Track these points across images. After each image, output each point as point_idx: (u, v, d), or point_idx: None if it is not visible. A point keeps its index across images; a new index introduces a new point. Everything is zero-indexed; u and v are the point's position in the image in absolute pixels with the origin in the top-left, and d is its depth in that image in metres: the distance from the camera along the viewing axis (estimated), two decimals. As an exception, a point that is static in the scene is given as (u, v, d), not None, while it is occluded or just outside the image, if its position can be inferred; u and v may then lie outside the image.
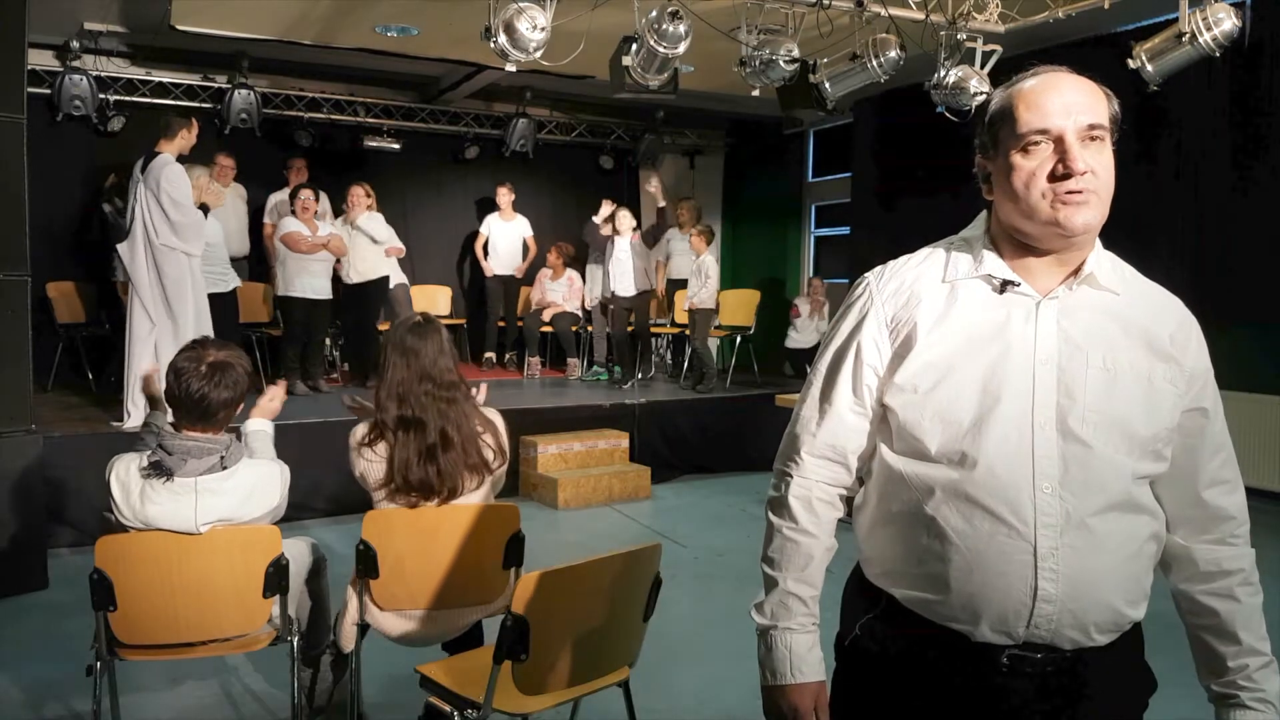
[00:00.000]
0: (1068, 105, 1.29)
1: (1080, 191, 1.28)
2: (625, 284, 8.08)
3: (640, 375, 8.34)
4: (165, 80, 8.09)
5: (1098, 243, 1.38)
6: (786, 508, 1.45)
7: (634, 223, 8.23)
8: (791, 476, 1.46)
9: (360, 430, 2.74)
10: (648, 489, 6.58)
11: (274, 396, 2.97)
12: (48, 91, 7.37)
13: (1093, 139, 1.30)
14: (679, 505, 6.36)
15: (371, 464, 2.69)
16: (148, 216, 5.36)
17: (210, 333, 5.67)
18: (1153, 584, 1.38)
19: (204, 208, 5.64)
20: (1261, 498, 5.96)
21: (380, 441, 2.68)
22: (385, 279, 7.72)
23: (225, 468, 2.55)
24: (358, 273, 7.55)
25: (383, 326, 7.59)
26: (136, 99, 7.96)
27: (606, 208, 8.33)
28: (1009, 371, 1.31)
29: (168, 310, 5.42)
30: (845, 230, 9.66)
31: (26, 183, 4.45)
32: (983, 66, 5.99)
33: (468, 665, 2.48)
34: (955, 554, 1.30)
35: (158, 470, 2.48)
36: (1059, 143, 1.29)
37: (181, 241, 5.39)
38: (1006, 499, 1.28)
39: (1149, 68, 5.21)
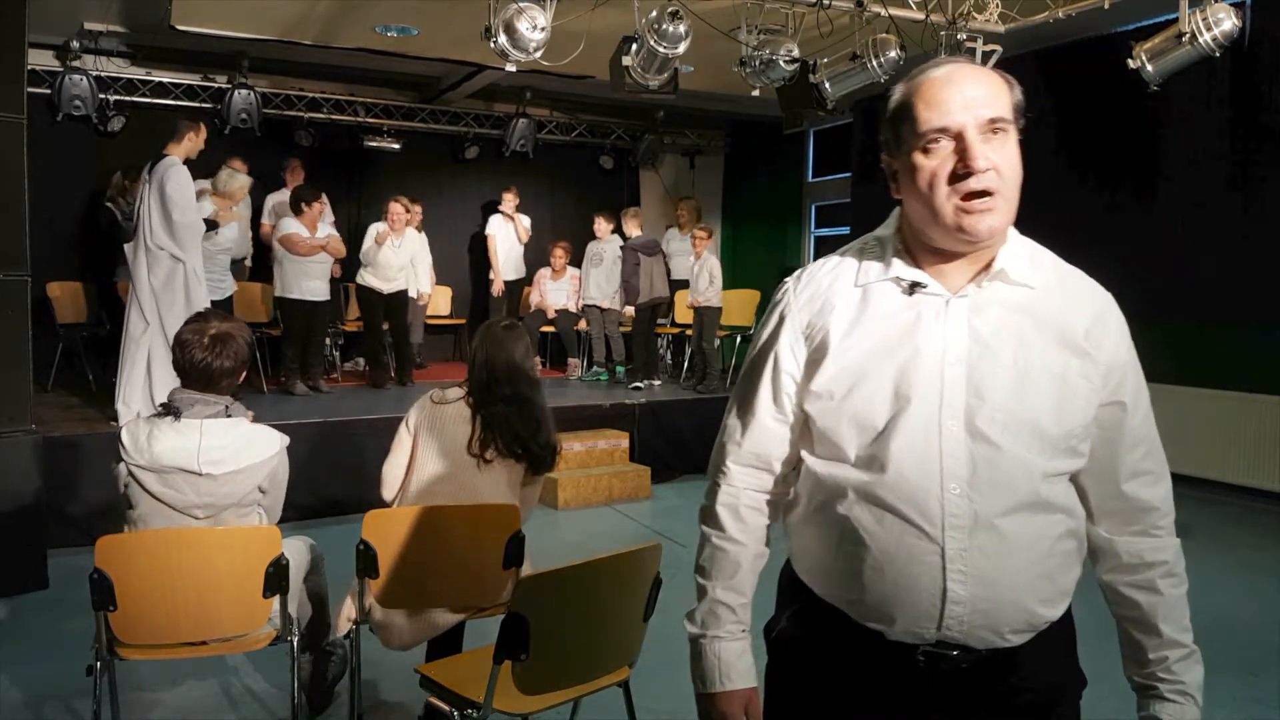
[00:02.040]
0: (967, 100, 1.26)
1: (985, 195, 1.26)
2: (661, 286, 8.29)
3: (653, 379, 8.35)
4: (165, 80, 8.09)
5: (1013, 233, 1.36)
6: (715, 516, 1.45)
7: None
8: (719, 486, 1.46)
9: (452, 391, 2.96)
10: (648, 489, 6.58)
11: None
12: (48, 91, 7.37)
13: (995, 132, 1.27)
14: (679, 505, 6.36)
15: (458, 423, 2.91)
16: (147, 218, 5.38)
17: None
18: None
19: (214, 224, 5.64)
20: (1261, 498, 5.97)
21: (473, 409, 2.90)
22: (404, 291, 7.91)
23: (229, 417, 2.73)
24: (393, 285, 7.72)
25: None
26: (136, 99, 7.97)
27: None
28: (919, 373, 1.30)
29: (157, 312, 5.44)
30: (845, 230, 9.66)
31: (27, 183, 4.45)
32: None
33: (468, 665, 2.48)
34: (867, 555, 1.31)
35: (166, 409, 2.70)
36: (959, 139, 1.26)
37: (175, 244, 5.39)
38: (914, 501, 1.28)
39: (1149, 68, 5.21)
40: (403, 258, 7.77)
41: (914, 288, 1.34)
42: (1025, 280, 1.33)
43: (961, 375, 1.29)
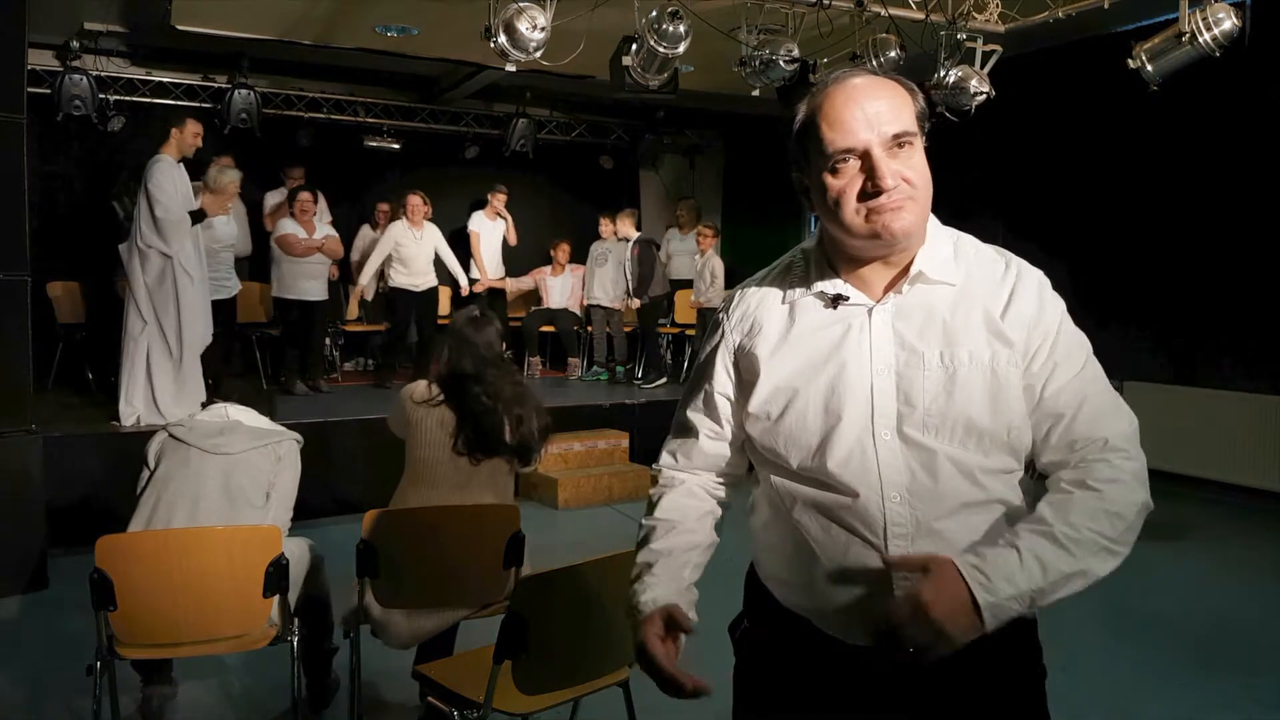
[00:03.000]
0: (869, 118, 1.26)
1: (893, 197, 1.26)
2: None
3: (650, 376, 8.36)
4: (165, 80, 8.09)
5: (931, 230, 1.35)
6: (650, 504, 1.52)
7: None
8: (656, 481, 1.54)
9: (421, 389, 2.99)
10: (648, 489, 6.56)
11: None
12: (48, 91, 7.35)
13: (901, 146, 1.27)
14: (679, 505, 6.35)
15: (437, 422, 2.93)
16: (138, 218, 5.43)
17: (205, 334, 5.68)
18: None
19: (200, 214, 5.64)
20: (1261, 498, 5.96)
21: (448, 405, 2.92)
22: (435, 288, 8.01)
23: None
24: (425, 280, 7.82)
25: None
26: (136, 99, 7.96)
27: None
28: (848, 386, 1.31)
29: (154, 310, 5.46)
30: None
31: (26, 183, 4.45)
32: (983, 66, 5.99)
33: (468, 665, 2.48)
34: (816, 564, 1.33)
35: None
36: (865, 158, 1.26)
37: (161, 241, 5.41)
38: (856, 511, 1.29)
39: (1149, 68, 5.20)
40: (427, 249, 7.82)
41: (837, 300, 1.35)
42: (945, 278, 1.33)
43: (891, 384, 1.30)
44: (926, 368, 1.29)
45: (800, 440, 1.33)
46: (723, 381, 1.43)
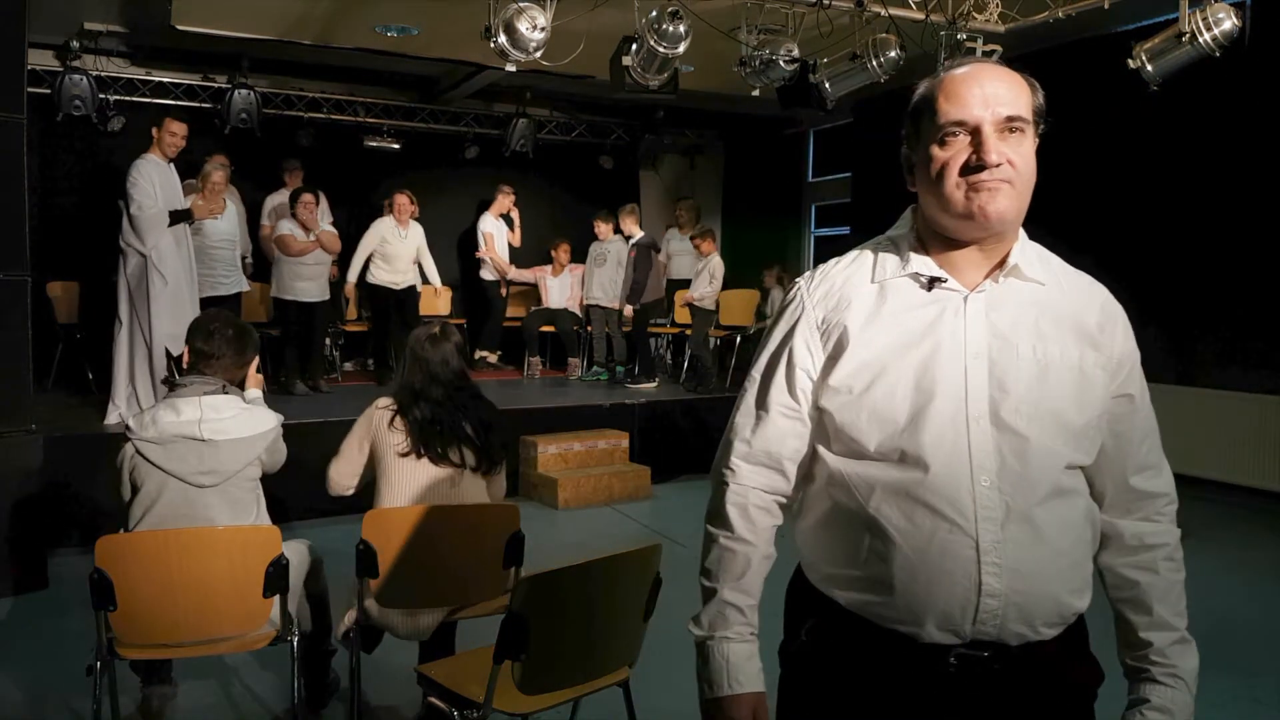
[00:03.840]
0: (987, 96, 1.28)
1: (994, 180, 1.28)
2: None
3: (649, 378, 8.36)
4: (165, 80, 8.09)
5: (1022, 234, 1.38)
6: (722, 516, 1.42)
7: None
8: (727, 484, 1.43)
9: (385, 399, 2.99)
10: (648, 489, 6.57)
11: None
12: (48, 91, 7.36)
13: (1012, 130, 1.29)
14: (679, 505, 6.35)
15: (395, 434, 2.92)
16: (121, 217, 5.46)
17: (179, 333, 5.64)
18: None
19: (185, 214, 5.63)
20: (1262, 498, 5.96)
21: (401, 418, 2.92)
22: (413, 287, 8.01)
23: (225, 394, 2.89)
24: (405, 279, 7.83)
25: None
26: (136, 99, 7.96)
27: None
28: (941, 367, 1.31)
29: (131, 309, 5.47)
30: (845, 230, 9.66)
31: (27, 183, 4.45)
32: (983, 66, 5.99)
33: (468, 665, 2.48)
34: (897, 553, 1.29)
35: (169, 385, 2.98)
36: (976, 134, 1.28)
37: (137, 239, 5.42)
38: (946, 494, 1.28)
39: (1149, 68, 5.21)
40: (410, 248, 7.84)
41: (933, 283, 1.35)
42: (1037, 277, 1.36)
43: (984, 369, 1.30)
44: (1019, 358, 1.31)
45: (886, 416, 1.31)
46: (803, 356, 1.39)
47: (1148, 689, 1.39)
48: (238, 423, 2.83)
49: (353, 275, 7.81)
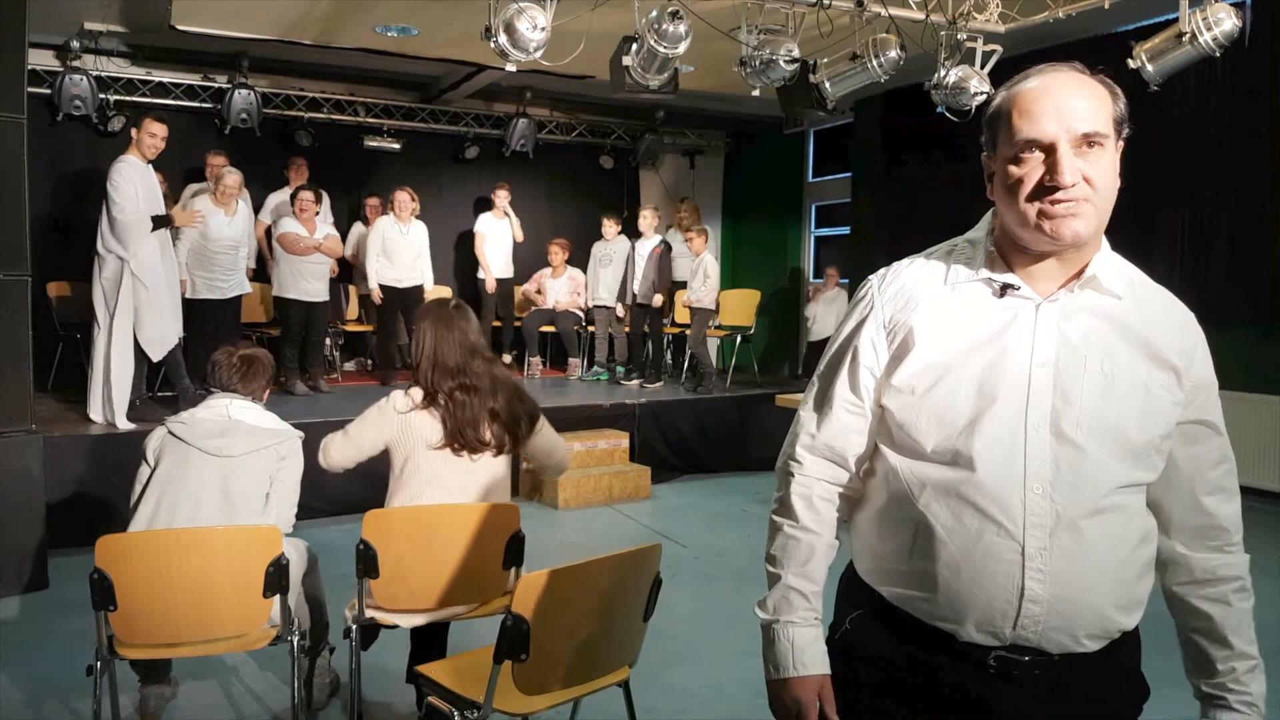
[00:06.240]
0: (1062, 113, 1.26)
1: (1068, 202, 1.26)
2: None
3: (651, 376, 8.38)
4: (165, 80, 8.09)
5: (1104, 244, 1.37)
6: (788, 506, 1.46)
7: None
8: (793, 475, 1.46)
9: (401, 398, 2.91)
10: (648, 489, 6.58)
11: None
12: (48, 91, 7.36)
13: (1090, 146, 1.27)
14: (679, 505, 6.36)
15: (425, 426, 2.85)
16: (100, 218, 5.45)
17: (166, 338, 5.62)
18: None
19: (166, 220, 5.63)
20: (1261, 498, 5.96)
21: (432, 406, 2.85)
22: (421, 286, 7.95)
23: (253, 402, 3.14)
24: (409, 277, 7.80)
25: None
26: (136, 99, 7.96)
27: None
28: (1005, 373, 1.30)
29: (108, 313, 5.46)
30: (845, 230, 9.66)
31: (27, 183, 4.45)
32: (983, 66, 5.99)
33: (468, 665, 2.48)
34: (943, 551, 1.30)
35: (205, 392, 3.19)
36: (1050, 151, 1.26)
37: (117, 243, 5.39)
38: (996, 497, 1.28)
39: (1149, 68, 5.21)
40: (413, 245, 7.83)
41: (1005, 290, 1.34)
42: (1114, 290, 1.34)
43: (1049, 378, 1.30)
44: (1086, 370, 1.30)
45: (945, 418, 1.31)
46: (868, 355, 1.41)
47: (1224, 716, 1.41)
48: (261, 419, 3.06)
49: (372, 281, 7.79)
